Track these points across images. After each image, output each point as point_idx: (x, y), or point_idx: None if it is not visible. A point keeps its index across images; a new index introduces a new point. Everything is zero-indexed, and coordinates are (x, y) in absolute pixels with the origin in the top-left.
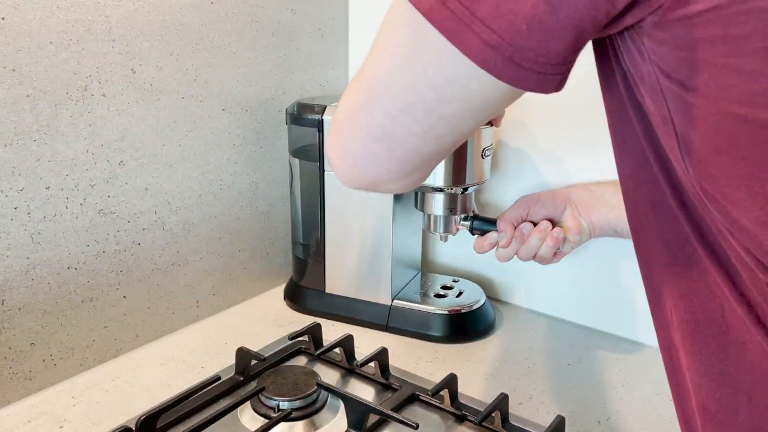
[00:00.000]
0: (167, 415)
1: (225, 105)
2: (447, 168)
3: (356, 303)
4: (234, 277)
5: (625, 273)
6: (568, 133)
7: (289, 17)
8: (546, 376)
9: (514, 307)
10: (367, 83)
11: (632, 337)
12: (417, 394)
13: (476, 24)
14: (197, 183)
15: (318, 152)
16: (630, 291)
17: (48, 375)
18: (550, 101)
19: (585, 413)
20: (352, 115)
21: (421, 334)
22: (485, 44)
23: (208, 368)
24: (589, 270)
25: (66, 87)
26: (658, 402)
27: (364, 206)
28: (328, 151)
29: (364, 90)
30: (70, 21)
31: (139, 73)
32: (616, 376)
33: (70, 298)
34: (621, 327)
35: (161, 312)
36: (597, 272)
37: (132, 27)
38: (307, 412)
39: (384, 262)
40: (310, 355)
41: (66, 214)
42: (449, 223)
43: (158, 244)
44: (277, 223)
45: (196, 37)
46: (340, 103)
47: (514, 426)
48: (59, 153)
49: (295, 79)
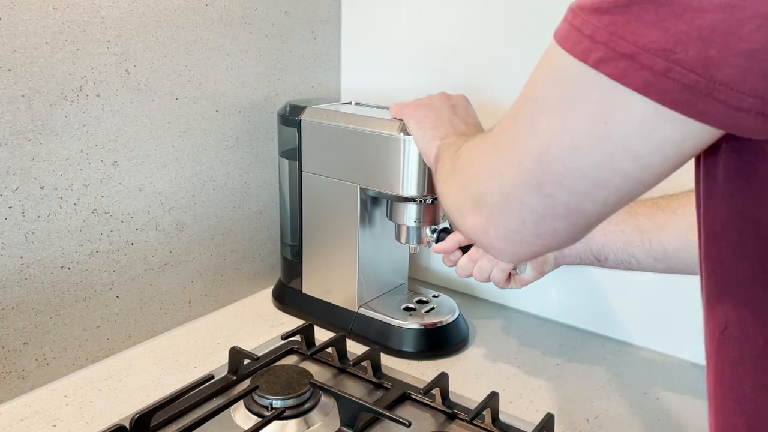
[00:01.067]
0: (161, 413)
1: (218, 106)
2: (419, 178)
3: (326, 306)
4: (226, 278)
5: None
6: None
7: (282, 20)
8: (535, 375)
9: (504, 308)
10: (535, 164)
11: (619, 337)
12: (409, 393)
13: (719, 90)
14: (190, 183)
15: (297, 152)
16: (617, 292)
17: (41, 374)
18: None
19: (574, 411)
20: (516, 198)
21: (382, 345)
22: (735, 108)
23: (201, 368)
24: (577, 271)
25: (61, 87)
26: (645, 400)
27: (335, 210)
28: (469, 228)
29: (532, 171)
30: (65, 22)
31: (133, 74)
32: (603, 375)
33: (63, 297)
34: (608, 327)
35: (154, 312)
36: (586, 274)
37: (127, 28)
38: (299, 411)
39: (351, 267)
40: (303, 354)
41: (60, 214)
42: (420, 234)
43: (151, 244)
44: (268, 224)
45: (191, 39)
46: (476, 175)
47: (505, 424)
48: (54, 153)
49: (287, 81)
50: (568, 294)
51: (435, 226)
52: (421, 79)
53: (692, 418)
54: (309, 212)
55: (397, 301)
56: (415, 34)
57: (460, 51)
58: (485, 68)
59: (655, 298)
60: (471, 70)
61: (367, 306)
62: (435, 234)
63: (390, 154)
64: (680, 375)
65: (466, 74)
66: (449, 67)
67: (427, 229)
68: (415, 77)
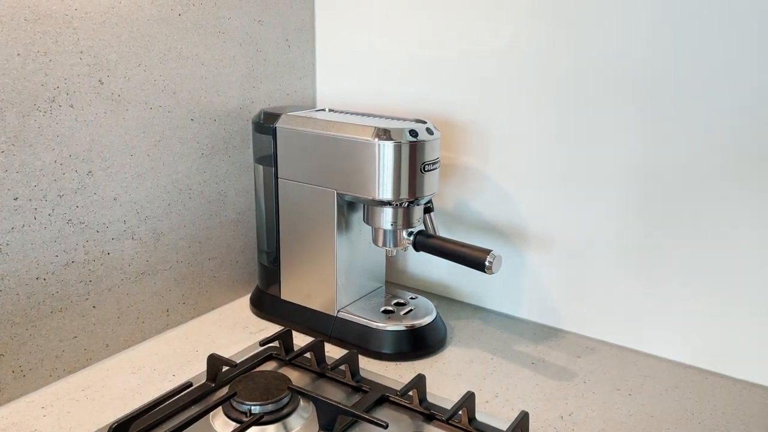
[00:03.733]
0: (139, 422)
1: (193, 115)
2: (395, 182)
3: (305, 311)
4: (204, 286)
5: (586, 275)
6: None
7: (256, 28)
8: (511, 374)
9: (481, 310)
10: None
11: (593, 336)
12: (387, 396)
13: None
14: (166, 192)
15: (272, 159)
16: (590, 292)
17: (17, 386)
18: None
19: (549, 409)
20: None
21: (361, 348)
22: None
23: (180, 376)
24: (551, 272)
25: (33, 98)
26: (618, 396)
27: (312, 216)
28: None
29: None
30: (37, 33)
31: (107, 84)
32: (577, 372)
33: (39, 308)
34: (582, 326)
35: (131, 321)
36: (560, 274)
37: (100, 39)
38: (278, 416)
39: (329, 272)
40: (282, 360)
41: (34, 225)
42: (396, 237)
43: (128, 254)
44: (245, 231)
45: (164, 48)
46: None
47: (481, 423)
48: (27, 164)
49: (262, 89)
50: (542, 294)
51: (411, 228)
52: (396, 86)
53: (664, 413)
54: (285, 218)
55: (375, 304)
56: (388, 41)
57: (434, 57)
58: (458, 75)
59: (626, 298)
60: (444, 77)
61: (346, 310)
62: (411, 237)
63: (365, 158)
64: (651, 371)
65: (440, 81)
66: (422, 74)
67: (404, 232)
68: (390, 84)
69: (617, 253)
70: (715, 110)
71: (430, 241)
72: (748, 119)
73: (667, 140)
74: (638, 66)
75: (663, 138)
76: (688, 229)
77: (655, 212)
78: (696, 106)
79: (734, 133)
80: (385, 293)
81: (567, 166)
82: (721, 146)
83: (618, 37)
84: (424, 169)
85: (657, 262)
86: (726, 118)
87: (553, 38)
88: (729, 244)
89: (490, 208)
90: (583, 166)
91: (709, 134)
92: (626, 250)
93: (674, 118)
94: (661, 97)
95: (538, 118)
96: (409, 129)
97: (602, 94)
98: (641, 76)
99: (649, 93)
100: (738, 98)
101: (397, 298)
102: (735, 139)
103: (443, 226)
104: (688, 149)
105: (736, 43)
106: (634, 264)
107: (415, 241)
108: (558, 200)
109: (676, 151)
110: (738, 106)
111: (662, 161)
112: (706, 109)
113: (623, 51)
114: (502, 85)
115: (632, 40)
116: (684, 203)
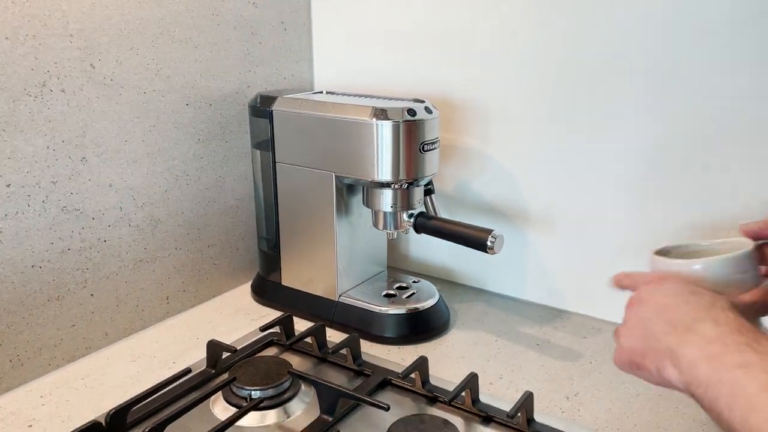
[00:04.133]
0: (138, 409)
1: (188, 99)
2: (394, 163)
3: (307, 296)
4: (204, 273)
5: (589, 254)
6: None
7: (251, 11)
8: (515, 356)
9: (484, 292)
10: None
11: (598, 316)
12: (389, 379)
13: None
14: (163, 178)
15: (270, 143)
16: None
17: (15, 375)
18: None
19: (554, 390)
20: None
21: (364, 332)
22: None
23: (180, 363)
24: (555, 253)
25: (23, 83)
26: (625, 376)
27: (311, 200)
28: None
29: None
30: (25, 16)
31: (98, 68)
32: (583, 353)
33: (36, 297)
34: (586, 306)
35: (130, 309)
36: (561, 255)
37: (90, 21)
38: (279, 401)
39: (330, 256)
40: (282, 345)
41: (28, 212)
42: (397, 220)
43: (125, 241)
44: (245, 217)
45: (157, 31)
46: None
47: (485, 404)
48: (19, 150)
49: (259, 72)
50: (546, 276)
51: (411, 210)
52: (394, 67)
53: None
54: (284, 203)
55: (377, 288)
56: (385, 23)
57: (431, 39)
58: (456, 55)
59: None
60: (443, 57)
61: (348, 294)
62: (412, 219)
63: (363, 139)
64: None
65: (439, 61)
66: (420, 54)
67: (404, 214)
68: (388, 65)
69: (621, 231)
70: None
71: (431, 222)
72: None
73: (671, 116)
74: (642, 40)
75: (667, 114)
76: (694, 206)
77: (658, 190)
78: (702, 82)
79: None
80: (387, 277)
81: (568, 144)
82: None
83: (621, 10)
84: (423, 149)
85: (661, 240)
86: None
87: (553, 14)
88: (735, 224)
89: (491, 189)
90: (585, 144)
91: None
92: (630, 228)
93: (679, 94)
94: (666, 73)
95: (538, 97)
96: (407, 108)
97: (605, 70)
98: (645, 50)
99: (654, 69)
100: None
101: (399, 282)
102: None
103: (444, 208)
104: (692, 124)
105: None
106: (638, 243)
107: (415, 223)
108: (560, 179)
109: (681, 127)
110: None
111: (666, 138)
112: (711, 86)
113: (626, 26)
114: (501, 63)
115: (636, 13)
116: (689, 180)
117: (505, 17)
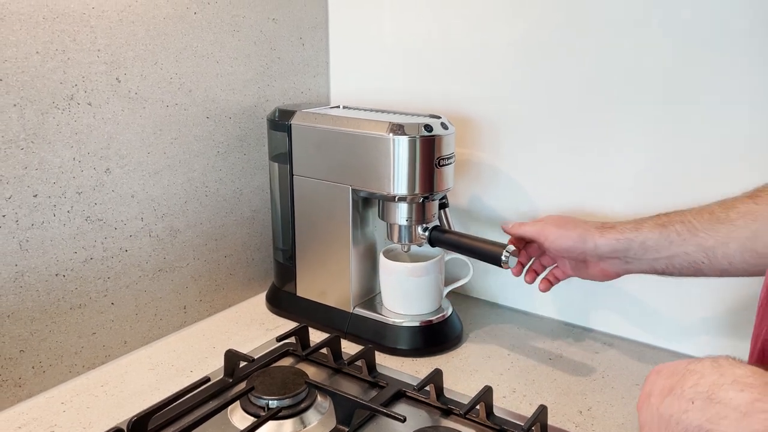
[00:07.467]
0: (158, 416)
1: (209, 113)
2: (410, 177)
3: (321, 308)
4: (221, 283)
5: None
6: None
7: (270, 26)
8: (528, 370)
9: (497, 306)
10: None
11: (610, 331)
12: (404, 391)
13: None
14: (183, 190)
15: (288, 156)
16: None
17: (37, 382)
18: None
19: (567, 404)
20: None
21: (377, 344)
22: None
23: (197, 372)
24: None
25: (52, 96)
26: (637, 391)
27: (327, 212)
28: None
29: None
30: (55, 32)
31: (123, 82)
32: (596, 368)
33: (59, 305)
34: (599, 322)
35: (149, 318)
36: None
37: (116, 37)
38: (295, 411)
39: (345, 268)
40: (298, 356)
41: (53, 222)
42: (412, 233)
43: (145, 251)
44: (261, 228)
45: (180, 47)
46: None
47: (499, 417)
48: (46, 161)
49: (277, 86)
50: (559, 291)
51: (426, 224)
52: (410, 83)
53: None
54: (301, 215)
55: None
56: (402, 38)
57: (447, 55)
58: (472, 73)
59: (643, 293)
60: (457, 74)
61: (362, 306)
62: (426, 232)
63: (380, 154)
64: None
65: (455, 77)
66: (436, 71)
67: (419, 228)
68: (404, 81)
69: None
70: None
71: (445, 236)
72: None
73: (683, 136)
74: (656, 58)
75: (680, 132)
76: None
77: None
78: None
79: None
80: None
81: (580, 159)
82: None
83: (634, 28)
84: (438, 164)
85: None
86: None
87: (566, 33)
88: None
89: (504, 202)
90: (596, 159)
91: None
92: None
93: (692, 111)
94: (679, 90)
95: (550, 113)
96: (423, 124)
97: (619, 87)
98: (658, 69)
99: (667, 86)
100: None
101: None
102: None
103: (458, 222)
104: (705, 139)
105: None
106: None
107: (430, 236)
108: (571, 194)
109: (691, 145)
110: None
111: (677, 158)
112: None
113: (640, 44)
114: (517, 80)
115: (648, 31)
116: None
117: (519, 36)
